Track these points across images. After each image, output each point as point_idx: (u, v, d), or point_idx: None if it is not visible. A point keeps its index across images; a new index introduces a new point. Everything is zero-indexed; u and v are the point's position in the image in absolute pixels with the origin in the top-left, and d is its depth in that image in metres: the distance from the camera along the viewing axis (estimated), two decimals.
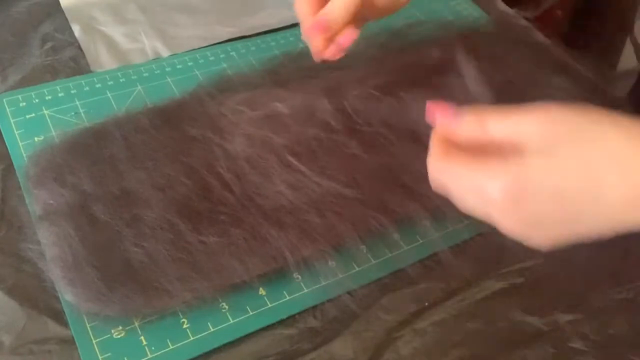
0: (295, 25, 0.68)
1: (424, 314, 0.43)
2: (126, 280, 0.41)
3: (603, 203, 0.33)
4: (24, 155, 0.50)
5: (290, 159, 0.48)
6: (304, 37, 0.48)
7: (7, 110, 0.54)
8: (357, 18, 0.47)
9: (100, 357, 0.39)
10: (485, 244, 0.47)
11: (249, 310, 0.42)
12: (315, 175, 0.47)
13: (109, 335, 0.40)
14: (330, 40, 0.47)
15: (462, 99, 0.53)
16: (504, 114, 0.36)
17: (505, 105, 0.37)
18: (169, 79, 0.59)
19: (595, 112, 0.35)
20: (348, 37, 0.47)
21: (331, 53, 0.47)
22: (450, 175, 0.37)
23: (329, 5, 0.46)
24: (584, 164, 0.34)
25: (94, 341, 0.40)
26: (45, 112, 0.54)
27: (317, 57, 0.48)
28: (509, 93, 0.49)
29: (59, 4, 0.66)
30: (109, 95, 0.57)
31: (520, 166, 0.34)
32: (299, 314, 0.43)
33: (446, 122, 0.38)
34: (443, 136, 0.38)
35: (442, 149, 0.38)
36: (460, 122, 0.37)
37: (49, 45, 0.62)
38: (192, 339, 0.41)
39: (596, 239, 0.35)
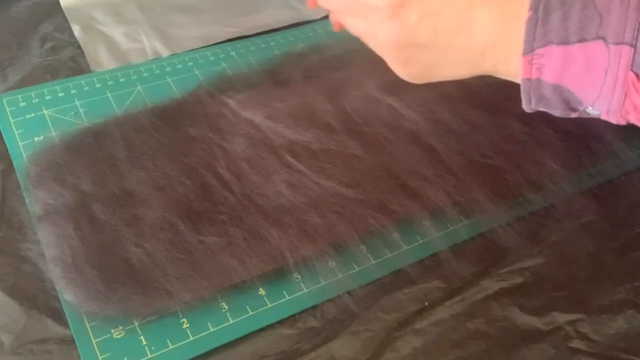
0: (295, 25, 0.68)
1: (424, 314, 0.43)
2: (126, 280, 0.41)
3: (470, 35, 0.35)
4: (24, 155, 0.50)
5: (290, 159, 0.48)
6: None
7: (7, 110, 0.54)
8: None
9: (100, 357, 0.39)
10: (485, 244, 0.47)
11: (249, 310, 0.42)
12: (315, 175, 0.47)
13: (109, 335, 0.40)
14: None
15: (461, 98, 0.53)
16: None
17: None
18: (169, 79, 0.59)
19: None
20: None
21: None
22: None
23: None
24: None
25: (94, 341, 0.40)
26: (45, 112, 0.54)
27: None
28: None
29: (59, 4, 0.66)
30: (108, 95, 0.57)
31: None
32: (299, 314, 0.43)
33: None
34: None
35: None
36: None
37: (49, 45, 0.62)
38: (192, 339, 0.41)
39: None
